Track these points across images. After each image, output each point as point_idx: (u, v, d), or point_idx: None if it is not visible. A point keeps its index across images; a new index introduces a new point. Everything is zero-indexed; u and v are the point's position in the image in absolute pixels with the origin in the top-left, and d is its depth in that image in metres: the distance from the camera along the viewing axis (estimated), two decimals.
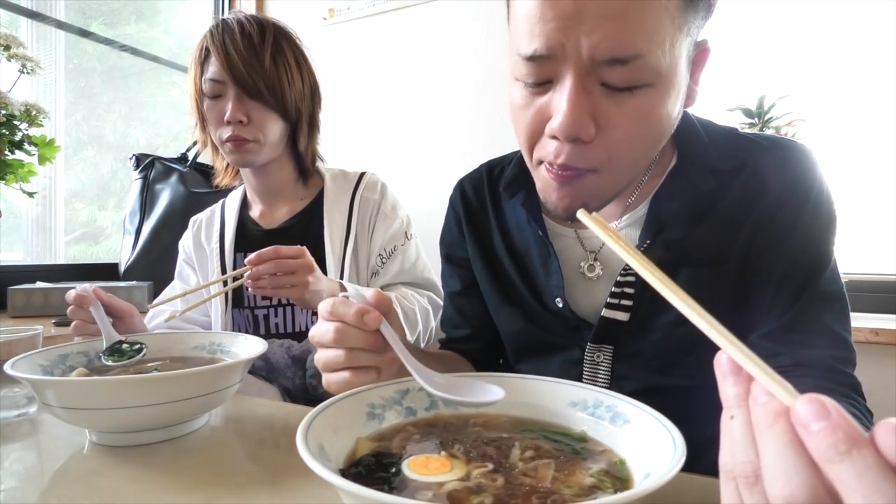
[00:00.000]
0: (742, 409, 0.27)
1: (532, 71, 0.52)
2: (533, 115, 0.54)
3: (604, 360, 0.67)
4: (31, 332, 0.70)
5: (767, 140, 0.65)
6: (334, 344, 0.50)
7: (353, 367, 0.50)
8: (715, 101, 1.61)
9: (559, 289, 0.68)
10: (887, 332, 1.24)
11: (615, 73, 0.49)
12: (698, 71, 0.57)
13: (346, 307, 0.50)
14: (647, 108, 0.51)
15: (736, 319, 0.57)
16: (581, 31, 0.47)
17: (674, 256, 0.62)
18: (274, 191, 1.10)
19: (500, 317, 0.77)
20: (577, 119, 0.50)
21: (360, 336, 0.49)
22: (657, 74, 0.50)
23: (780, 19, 1.63)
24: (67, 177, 1.98)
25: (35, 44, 1.82)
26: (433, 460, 0.39)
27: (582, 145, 0.52)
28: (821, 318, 0.59)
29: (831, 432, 0.22)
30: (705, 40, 0.56)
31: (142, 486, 0.48)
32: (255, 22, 1.00)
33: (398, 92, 1.97)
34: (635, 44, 0.47)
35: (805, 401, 0.24)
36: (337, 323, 0.50)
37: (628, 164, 0.56)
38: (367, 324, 0.49)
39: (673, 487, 0.31)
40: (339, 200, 1.08)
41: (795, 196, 0.61)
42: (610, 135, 0.52)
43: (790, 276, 0.60)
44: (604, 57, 0.48)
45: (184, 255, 1.16)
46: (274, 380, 1.03)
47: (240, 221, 1.11)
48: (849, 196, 1.52)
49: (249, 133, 0.99)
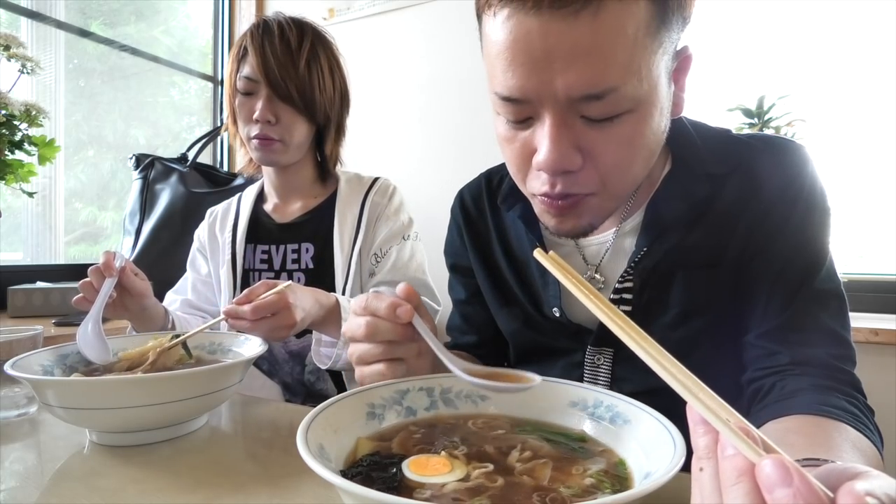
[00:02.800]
0: (711, 462, 0.28)
1: (510, 110, 0.52)
2: (519, 148, 0.54)
3: (604, 363, 0.67)
4: (31, 332, 0.70)
5: (761, 141, 0.65)
6: (367, 338, 0.52)
7: (386, 360, 0.52)
8: (715, 101, 1.61)
9: (556, 299, 0.68)
10: (887, 332, 1.24)
11: (593, 108, 0.49)
12: (683, 78, 0.56)
13: (378, 301, 0.52)
14: (630, 133, 0.51)
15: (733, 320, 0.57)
16: (553, 73, 0.47)
17: (670, 261, 0.62)
18: (292, 188, 1.13)
19: (501, 321, 0.78)
20: (561, 154, 0.50)
21: (392, 329, 0.51)
22: (636, 101, 0.49)
23: (780, 19, 1.63)
24: (67, 177, 1.97)
25: (35, 44, 1.82)
26: (433, 460, 0.40)
27: (572, 174, 0.52)
28: (818, 316, 0.59)
29: (792, 501, 0.23)
30: (685, 47, 0.55)
31: (142, 486, 0.48)
32: (294, 26, 1.03)
33: (398, 92, 1.97)
34: (609, 79, 0.47)
35: (769, 463, 0.24)
36: (369, 317, 0.52)
37: (624, 185, 0.56)
38: (400, 317, 0.50)
39: (673, 487, 0.31)
40: (351, 201, 1.10)
41: (787, 194, 0.61)
42: (598, 161, 0.52)
43: (785, 275, 0.60)
44: (579, 94, 0.48)
45: (198, 244, 1.18)
46: (275, 374, 1.04)
47: (254, 214, 1.14)
48: (849, 196, 1.52)
49: (276, 133, 1.02)
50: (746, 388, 0.59)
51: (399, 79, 1.97)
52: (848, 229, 1.55)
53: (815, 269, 0.60)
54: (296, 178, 1.12)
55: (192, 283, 1.16)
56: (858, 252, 1.57)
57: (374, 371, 0.53)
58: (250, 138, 1.03)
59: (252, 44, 1.00)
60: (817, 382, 0.54)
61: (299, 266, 1.07)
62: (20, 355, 0.61)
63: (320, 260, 1.06)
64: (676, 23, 0.50)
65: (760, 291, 0.61)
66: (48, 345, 0.68)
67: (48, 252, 1.85)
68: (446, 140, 1.87)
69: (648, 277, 0.63)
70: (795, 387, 0.54)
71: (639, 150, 0.53)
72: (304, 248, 1.08)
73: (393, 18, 1.97)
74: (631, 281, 0.64)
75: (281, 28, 1.02)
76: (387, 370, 0.52)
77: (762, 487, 0.25)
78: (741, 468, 0.26)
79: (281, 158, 1.05)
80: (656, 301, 0.63)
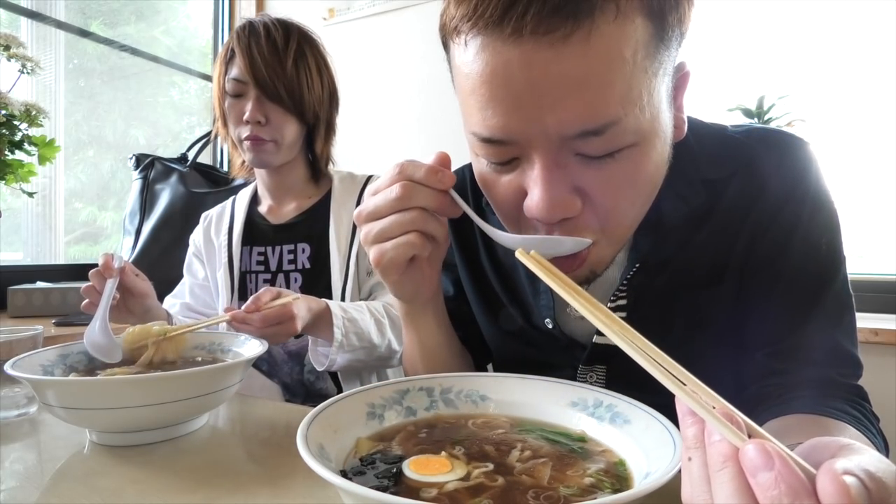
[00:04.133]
0: (699, 451, 0.29)
1: (492, 152, 0.46)
2: (504, 193, 0.48)
3: (597, 381, 0.64)
4: (31, 332, 0.70)
5: (760, 141, 0.60)
6: (400, 203, 0.47)
7: (418, 231, 0.48)
8: (715, 101, 1.61)
9: (549, 309, 0.64)
10: (887, 332, 1.24)
11: (591, 145, 0.43)
12: (681, 96, 0.51)
13: (414, 167, 0.48)
14: (633, 170, 0.45)
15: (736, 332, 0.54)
16: (542, 109, 0.41)
17: (668, 275, 0.58)
18: (285, 189, 1.13)
19: (486, 331, 0.75)
20: (556, 199, 0.43)
21: (430, 196, 0.47)
22: (639, 133, 0.43)
23: (780, 19, 1.63)
24: (67, 177, 1.98)
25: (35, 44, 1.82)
26: (433, 460, 0.40)
27: (570, 220, 0.46)
28: (832, 335, 0.56)
29: (774, 484, 0.24)
30: (682, 63, 0.49)
31: (142, 486, 0.48)
32: (280, 26, 1.04)
33: (398, 92, 1.97)
34: (608, 111, 0.41)
35: (752, 448, 0.25)
36: (405, 181, 0.47)
37: (625, 228, 0.51)
38: (442, 181, 0.47)
39: (673, 487, 0.31)
40: (346, 201, 1.10)
41: (794, 196, 0.57)
42: (599, 203, 0.46)
43: (797, 287, 0.56)
44: (574, 132, 0.42)
45: (193, 249, 1.19)
46: (274, 374, 1.04)
47: (249, 216, 1.14)
48: (849, 196, 1.52)
49: (267, 133, 1.02)
50: (749, 400, 0.56)
51: (398, 78, 1.97)
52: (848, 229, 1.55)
53: (828, 280, 0.56)
54: (288, 178, 1.12)
55: (189, 288, 1.17)
56: (858, 252, 1.57)
57: (400, 242, 0.48)
58: (241, 140, 1.03)
59: (239, 45, 1.01)
60: (822, 391, 0.53)
61: (296, 266, 1.08)
62: (20, 355, 0.61)
63: (316, 260, 1.07)
64: (675, 39, 0.45)
65: (769, 304, 0.57)
66: (48, 345, 0.68)
67: (48, 252, 1.85)
68: (446, 139, 1.87)
69: (644, 293, 0.59)
70: (798, 393, 0.53)
71: (642, 187, 0.47)
72: (301, 249, 1.09)
73: (393, 18, 1.97)
74: (624, 298, 0.60)
75: (267, 29, 1.02)
76: (418, 240, 0.47)
77: (746, 472, 0.26)
78: (726, 454, 0.27)
79: (273, 159, 1.05)
80: (654, 319, 0.58)
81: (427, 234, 0.50)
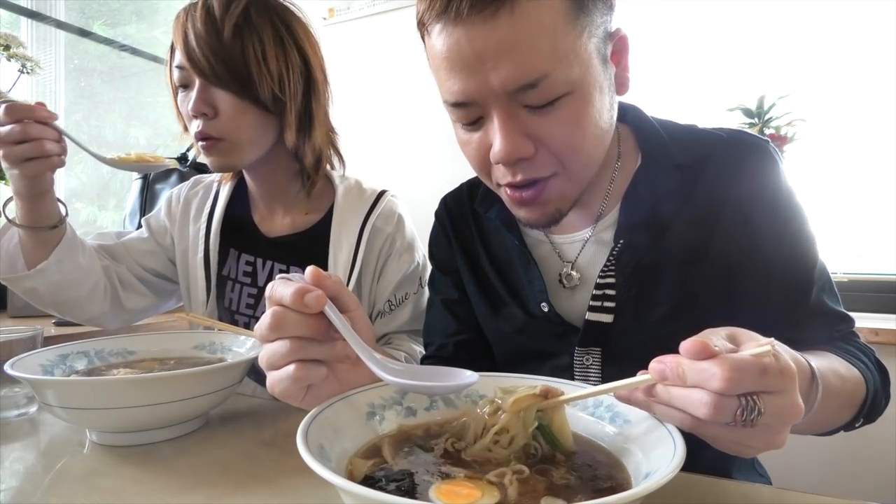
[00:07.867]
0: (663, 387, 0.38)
1: (461, 115, 0.57)
2: (476, 148, 0.58)
3: (593, 363, 0.67)
4: (31, 332, 0.70)
5: (727, 133, 0.67)
6: (273, 333, 0.43)
7: (298, 361, 0.43)
8: (715, 101, 1.61)
9: (543, 294, 0.68)
10: (887, 332, 1.24)
11: (531, 96, 0.52)
12: (625, 58, 0.60)
13: (285, 288, 0.43)
14: (574, 115, 0.54)
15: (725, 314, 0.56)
16: (486, 72, 0.51)
17: (654, 255, 0.63)
18: (272, 196, 0.97)
19: (488, 327, 0.77)
20: (512, 144, 0.54)
21: (300, 322, 0.43)
22: (571, 83, 0.53)
23: (780, 19, 1.63)
24: (68, 177, 1.98)
25: (35, 44, 1.82)
26: (459, 487, 0.37)
27: (528, 161, 0.56)
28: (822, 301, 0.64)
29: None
30: (618, 29, 0.58)
31: (142, 486, 0.48)
32: None
33: (398, 92, 1.97)
34: (537, 67, 0.51)
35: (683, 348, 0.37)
36: (275, 307, 0.43)
37: (582, 164, 0.58)
38: (309, 305, 0.42)
39: (673, 487, 0.31)
40: (349, 224, 0.92)
41: (763, 200, 0.63)
42: (550, 145, 0.55)
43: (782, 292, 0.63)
44: (514, 86, 0.52)
45: (167, 209, 1.02)
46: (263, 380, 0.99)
47: (240, 216, 0.98)
48: (849, 196, 1.53)
49: (216, 129, 0.83)
50: None
51: (399, 78, 1.97)
52: (848, 229, 1.55)
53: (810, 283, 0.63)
54: (270, 184, 0.95)
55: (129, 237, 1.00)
56: (858, 252, 1.57)
57: (283, 375, 0.43)
58: (196, 140, 0.86)
59: (175, 24, 0.83)
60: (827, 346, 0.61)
61: None
62: (20, 355, 0.61)
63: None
64: (597, 8, 0.54)
65: (757, 307, 0.62)
66: (48, 345, 0.68)
67: None
68: (446, 139, 1.87)
69: (632, 272, 0.63)
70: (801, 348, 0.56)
71: (587, 128, 0.56)
72: (293, 272, 0.91)
73: (393, 18, 1.97)
74: (613, 276, 0.64)
75: (206, 2, 0.82)
76: (298, 372, 0.43)
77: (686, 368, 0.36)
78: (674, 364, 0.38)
79: (232, 160, 0.86)
80: (643, 297, 0.64)
81: (311, 360, 0.44)
